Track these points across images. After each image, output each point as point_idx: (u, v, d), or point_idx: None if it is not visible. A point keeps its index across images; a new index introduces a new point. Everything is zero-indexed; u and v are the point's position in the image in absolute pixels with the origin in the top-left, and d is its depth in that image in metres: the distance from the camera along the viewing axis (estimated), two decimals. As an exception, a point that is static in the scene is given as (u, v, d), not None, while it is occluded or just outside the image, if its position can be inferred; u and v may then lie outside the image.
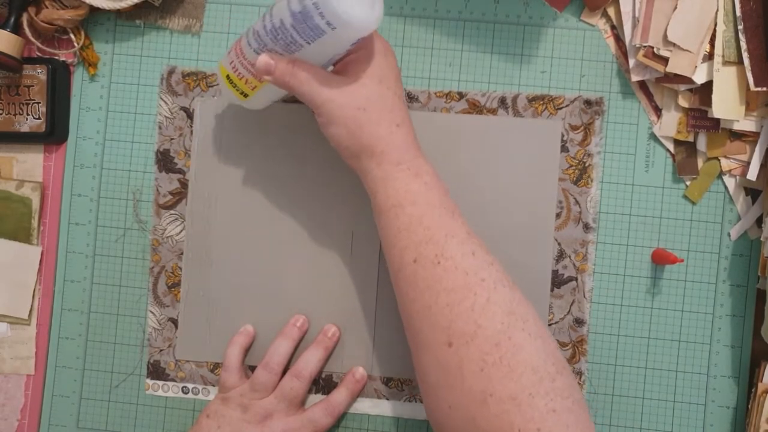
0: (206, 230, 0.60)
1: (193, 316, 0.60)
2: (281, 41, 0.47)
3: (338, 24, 0.44)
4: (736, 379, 0.58)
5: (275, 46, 0.48)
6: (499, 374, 0.44)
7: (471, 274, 0.47)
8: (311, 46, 0.47)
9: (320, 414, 0.57)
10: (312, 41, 0.46)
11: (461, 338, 0.45)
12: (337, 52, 0.48)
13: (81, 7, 0.59)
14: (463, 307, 0.46)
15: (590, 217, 0.58)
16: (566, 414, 0.44)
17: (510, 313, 0.46)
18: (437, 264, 0.47)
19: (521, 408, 0.44)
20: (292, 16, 0.45)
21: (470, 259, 0.47)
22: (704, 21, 0.55)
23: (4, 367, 0.61)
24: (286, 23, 0.46)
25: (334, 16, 0.44)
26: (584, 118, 0.59)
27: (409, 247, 0.48)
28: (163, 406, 0.61)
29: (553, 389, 0.44)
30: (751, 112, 0.56)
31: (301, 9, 0.44)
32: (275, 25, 0.47)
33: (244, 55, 0.50)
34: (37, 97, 0.59)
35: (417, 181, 0.49)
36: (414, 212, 0.48)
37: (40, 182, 0.61)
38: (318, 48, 0.47)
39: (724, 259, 0.58)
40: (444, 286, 0.47)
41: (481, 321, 0.45)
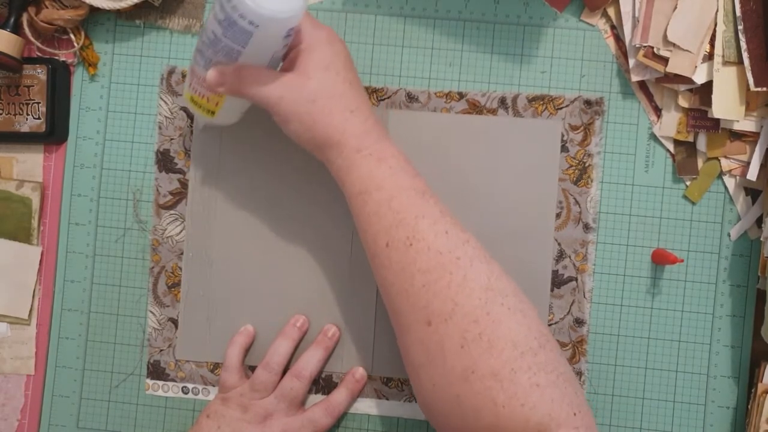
0: (206, 230, 0.60)
1: (193, 316, 0.60)
2: (221, 52, 0.48)
3: (259, 21, 0.45)
4: (736, 380, 0.58)
5: (218, 58, 0.48)
6: (479, 350, 0.44)
7: (445, 253, 0.47)
8: (247, 49, 0.47)
9: (320, 414, 0.57)
10: (245, 45, 0.47)
11: (440, 317, 0.45)
12: (276, 49, 0.48)
13: (81, 7, 0.59)
14: (439, 286, 0.46)
15: (590, 217, 0.58)
16: (551, 388, 0.44)
17: (488, 289, 0.46)
18: (409, 246, 0.47)
19: (503, 384, 0.44)
20: (219, 24, 0.46)
21: (443, 238, 0.47)
22: (704, 21, 0.55)
23: (4, 367, 0.61)
24: (218, 33, 0.47)
25: (252, 14, 0.44)
26: (584, 118, 0.59)
27: (381, 232, 0.48)
28: (163, 406, 0.61)
29: (536, 363, 0.44)
30: (751, 112, 0.56)
31: (224, 16, 0.45)
32: (210, 38, 0.48)
33: (197, 75, 0.51)
34: (37, 97, 0.59)
35: (381, 166, 0.49)
36: (381, 197, 0.48)
37: (40, 182, 0.61)
38: (254, 49, 0.47)
39: (724, 259, 0.58)
40: (418, 268, 0.47)
41: (458, 299, 0.45)
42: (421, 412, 0.59)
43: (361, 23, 0.60)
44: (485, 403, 0.44)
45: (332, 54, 0.49)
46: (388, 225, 0.48)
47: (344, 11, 0.60)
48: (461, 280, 0.46)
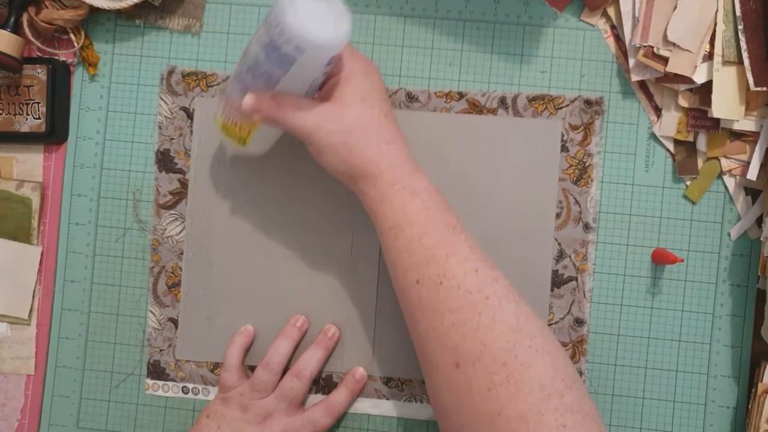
0: (206, 230, 0.60)
1: (193, 316, 0.60)
2: (260, 78, 0.48)
3: (305, 47, 0.45)
4: (736, 379, 0.58)
5: (256, 84, 0.48)
6: (506, 394, 0.44)
7: (474, 293, 0.46)
8: (287, 76, 0.47)
9: (320, 414, 0.57)
10: (287, 71, 0.47)
11: (468, 359, 0.45)
12: (315, 76, 0.48)
13: (81, 7, 0.59)
14: (468, 327, 0.45)
15: (590, 216, 0.58)
16: (577, 428, 0.44)
17: (516, 331, 0.45)
18: (440, 284, 0.46)
19: (530, 426, 0.43)
20: (263, 48, 0.46)
21: (473, 277, 0.47)
22: (704, 21, 0.55)
23: (4, 367, 0.61)
24: (260, 58, 0.47)
25: (299, 39, 0.44)
26: (584, 117, 0.59)
27: (411, 268, 0.48)
28: (163, 406, 0.61)
29: (563, 405, 0.44)
30: (751, 111, 0.56)
31: (269, 40, 0.45)
32: (250, 64, 0.48)
33: (231, 102, 0.51)
34: (37, 97, 0.59)
35: (414, 201, 0.48)
36: (413, 232, 0.48)
37: (40, 182, 0.61)
38: (294, 76, 0.47)
39: (724, 258, 0.58)
40: (448, 307, 0.46)
41: (487, 340, 0.45)
42: (421, 412, 0.59)
43: (361, 23, 0.60)
44: None
45: (369, 85, 0.49)
46: (418, 261, 0.47)
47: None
48: (490, 321, 0.45)
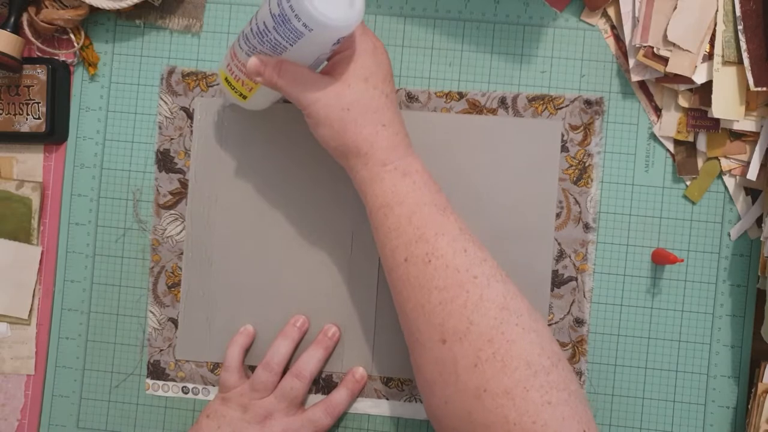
0: (206, 230, 0.60)
1: (193, 316, 0.60)
2: (267, 43, 0.48)
3: (314, 25, 0.45)
4: (736, 379, 0.58)
5: (263, 48, 0.48)
6: (492, 369, 0.45)
7: (462, 272, 0.47)
8: (294, 47, 0.47)
9: (320, 414, 0.57)
10: (293, 43, 0.47)
11: (454, 335, 0.46)
12: (322, 52, 0.48)
13: (81, 7, 0.59)
14: (455, 304, 0.46)
15: (590, 217, 0.58)
16: (562, 406, 0.44)
17: (503, 309, 0.46)
18: (428, 263, 0.47)
19: (515, 402, 0.44)
20: (272, 18, 0.46)
21: (462, 256, 0.47)
22: (704, 21, 0.55)
23: (5, 367, 0.61)
24: (269, 26, 0.46)
25: (309, 17, 0.44)
26: (584, 118, 0.59)
27: (400, 247, 0.48)
28: (163, 406, 0.61)
29: (548, 382, 0.45)
30: (751, 112, 0.56)
31: (279, 12, 0.45)
32: (260, 28, 0.47)
33: (237, 58, 0.51)
34: (37, 97, 0.59)
35: (405, 181, 0.49)
36: (402, 212, 0.48)
37: (40, 182, 0.61)
38: (301, 49, 0.47)
39: (724, 259, 0.58)
40: (436, 285, 0.47)
41: (474, 317, 0.46)
42: (421, 412, 0.59)
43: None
44: (497, 420, 0.44)
45: (375, 65, 0.50)
46: (407, 240, 0.48)
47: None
48: (477, 299, 0.46)
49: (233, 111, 0.60)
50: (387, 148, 0.49)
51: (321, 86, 0.48)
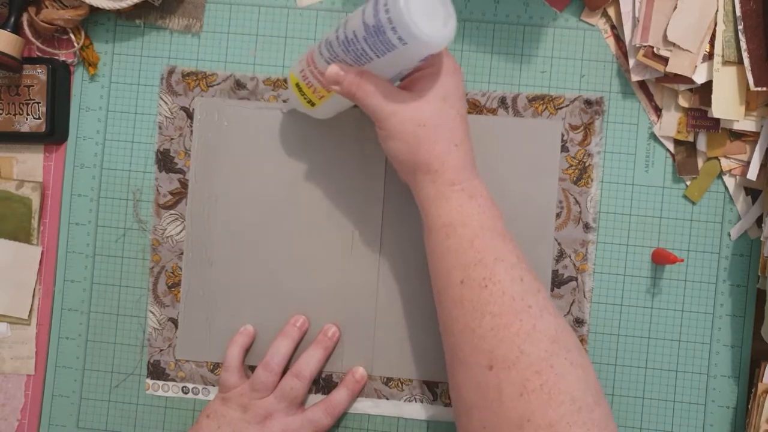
0: (206, 230, 0.60)
1: (193, 316, 0.60)
2: (352, 53, 0.47)
3: (410, 40, 0.44)
4: (736, 379, 0.58)
5: (346, 57, 0.48)
6: (538, 401, 0.44)
7: (518, 300, 0.46)
8: (381, 59, 0.47)
9: (320, 414, 0.57)
10: (382, 55, 0.46)
11: (503, 362, 0.45)
12: (406, 67, 0.48)
13: (81, 7, 0.59)
14: (507, 332, 0.46)
15: (590, 216, 0.58)
16: None
17: (554, 341, 0.46)
18: (484, 287, 0.47)
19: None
20: (365, 28, 0.45)
21: (518, 284, 0.47)
22: (704, 21, 0.55)
23: (5, 367, 0.61)
24: (359, 35, 0.46)
25: (407, 32, 0.44)
26: (584, 117, 0.59)
27: (457, 268, 0.48)
28: (163, 406, 0.61)
29: (591, 420, 0.44)
30: (751, 111, 0.56)
31: (374, 23, 0.45)
32: (348, 37, 0.47)
33: (315, 65, 0.51)
34: (37, 97, 0.59)
35: (471, 203, 0.49)
36: (465, 233, 0.48)
37: (40, 182, 0.61)
38: (387, 62, 0.47)
39: (724, 258, 0.58)
40: (490, 310, 0.46)
41: (525, 347, 0.45)
42: (421, 412, 0.59)
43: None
44: None
45: (453, 85, 0.49)
46: (466, 262, 0.48)
47: (344, 11, 0.60)
48: (530, 329, 0.46)
49: (233, 110, 0.60)
50: (457, 168, 0.49)
51: (400, 100, 0.48)
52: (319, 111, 0.54)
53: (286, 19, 0.60)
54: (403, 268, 0.59)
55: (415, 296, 0.59)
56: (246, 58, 0.60)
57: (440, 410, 0.59)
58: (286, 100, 0.59)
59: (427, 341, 0.59)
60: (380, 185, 0.59)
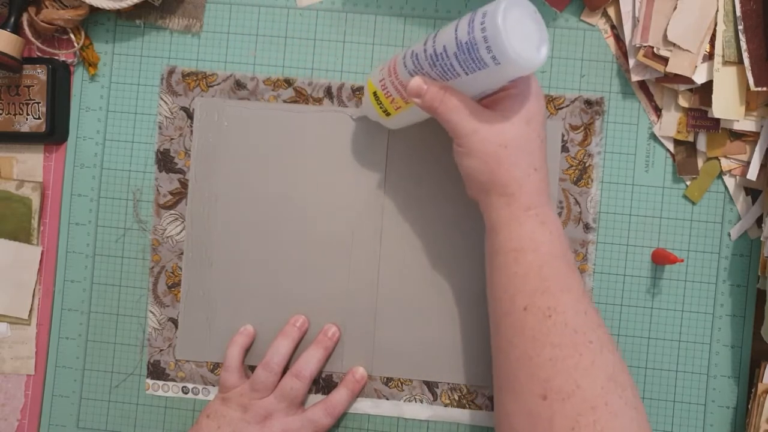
0: (206, 230, 0.60)
1: (193, 316, 0.60)
2: (439, 67, 0.47)
3: (504, 60, 0.44)
4: (736, 379, 0.58)
5: (431, 71, 0.47)
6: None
7: (580, 334, 0.46)
8: (468, 77, 0.46)
9: (320, 414, 0.57)
10: (471, 72, 0.46)
11: (558, 394, 0.45)
12: (492, 87, 0.47)
13: (81, 7, 0.59)
14: (566, 364, 0.45)
15: (590, 217, 0.58)
16: None
17: (610, 379, 0.45)
18: (548, 317, 0.46)
19: None
20: (457, 45, 0.45)
21: (582, 318, 0.46)
22: (704, 21, 0.55)
23: (5, 367, 0.61)
24: (449, 51, 0.45)
25: (501, 52, 0.43)
26: (584, 118, 0.59)
27: (522, 294, 0.47)
28: (163, 406, 0.61)
29: None
30: (751, 112, 0.56)
31: (468, 40, 0.44)
32: (437, 51, 0.46)
33: (396, 75, 0.50)
34: (37, 97, 0.59)
35: (543, 229, 0.48)
36: (534, 260, 0.47)
37: (40, 182, 0.61)
38: (474, 80, 0.46)
39: (724, 259, 0.58)
40: (551, 341, 0.46)
41: (582, 382, 0.45)
42: (421, 412, 0.59)
43: (361, 23, 0.60)
44: None
45: (537, 109, 0.49)
46: (532, 290, 0.47)
47: (344, 11, 0.60)
48: (589, 364, 0.45)
49: (233, 111, 0.60)
50: (533, 193, 0.48)
51: (483, 119, 0.47)
52: (392, 121, 0.54)
53: (286, 20, 0.60)
54: (403, 268, 0.59)
55: (415, 296, 0.59)
56: (246, 58, 0.60)
57: (440, 410, 0.59)
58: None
59: (427, 341, 0.59)
60: (380, 185, 0.59)
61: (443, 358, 0.59)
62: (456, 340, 0.59)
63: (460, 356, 0.58)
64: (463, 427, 0.59)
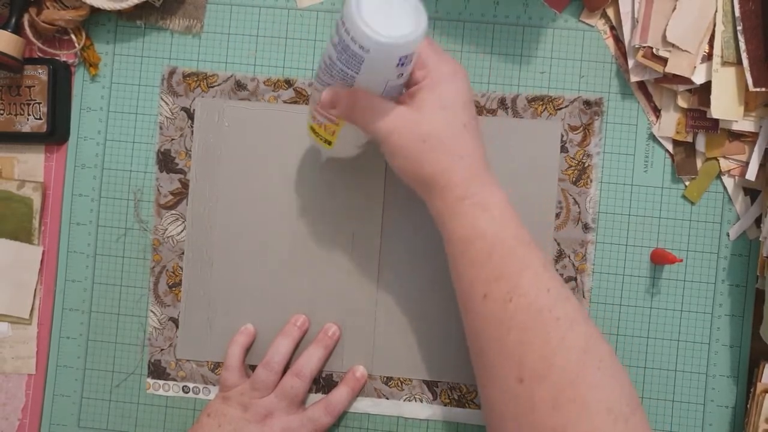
0: (207, 230, 0.60)
1: (193, 315, 0.60)
2: (336, 77, 0.47)
3: (369, 45, 0.43)
4: (735, 379, 0.58)
5: (334, 82, 0.47)
6: (572, 413, 0.43)
7: (545, 312, 0.44)
8: (360, 75, 0.46)
9: (320, 413, 0.57)
10: (358, 70, 0.45)
11: (534, 376, 0.44)
12: (389, 78, 0.46)
13: (82, 8, 0.59)
14: (536, 345, 0.44)
15: (589, 217, 0.59)
16: None
17: (585, 352, 0.44)
18: (509, 301, 0.45)
19: None
20: (335, 48, 0.45)
21: (545, 296, 0.45)
22: (703, 21, 0.55)
23: (6, 367, 0.61)
24: (333, 57, 0.46)
25: (363, 38, 0.43)
26: (583, 118, 0.59)
27: (479, 282, 0.46)
28: (164, 405, 0.61)
29: (627, 429, 0.43)
30: (750, 112, 0.56)
31: (339, 39, 0.44)
32: (326, 63, 0.47)
33: (315, 101, 0.50)
34: (38, 98, 0.60)
35: (484, 216, 0.46)
36: (483, 247, 0.46)
37: (41, 182, 0.61)
38: (368, 76, 0.46)
39: (723, 259, 0.59)
40: (516, 324, 0.44)
41: (555, 360, 0.43)
42: (421, 412, 0.59)
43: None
44: None
45: (453, 93, 0.47)
46: (487, 277, 0.46)
47: (344, 12, 0.60)
48: (559, 341, 0.44)
49: (234, 111, 0.60)
50: (465, 181, 0.47)
51: (397, 116, 0.47)
52: (338, 148, 0.53)
53: (286, 20, 0.60)
54: (403, 268, 0.59)
55: (416, 296, 0.59)
56: (246, 59, 0.60)
57: (440, 410, 0.59)
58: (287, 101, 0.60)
59: (427, 341, 0.59)
60: (380, 185, 0.59)
61: (443, 358, 0.59)
62: (456, 340, 0.59)
63: (460, 356, 0.59)
64: (463, 427, 0.59)
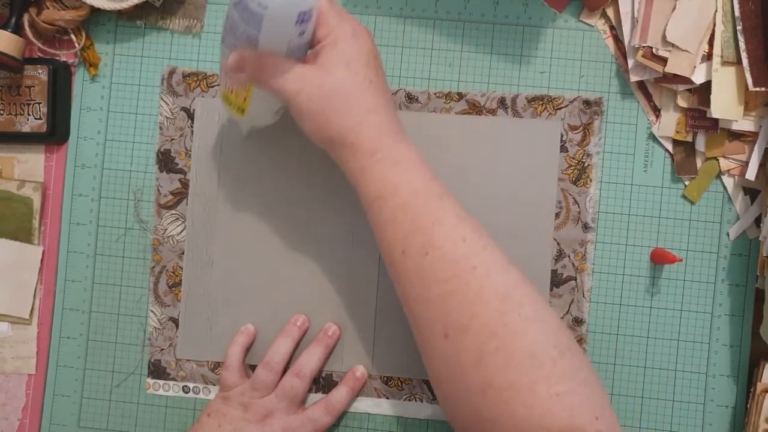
0: (207, 230, 0.60)
1: (193, 315, 0.60)
2: (241, 38, 0.46)
3: (267, 3, 0.43)
4: (735, 379, 0.58)
5: (239, 43, 0.47)
6: (496, 364, 0.43)
7: (462, 262, 0.44)
8: (262, 34, 0.45)
9: (320, 413, 0.57)
10: (259, 29, 0.45)
11: (457, 329, 0.44)
12: (291, 37, 0.46)
13: (82, 8, 0.59)
14: (456, 297, 0.44)
15: (589, 216, 0.59)
16: (570, 396, 0.42)
17: (505, 299, 0.44)
18: (425, 254, 0.45)
19: (522, 396, 0.42)
20: (236, 8, 0.45)
21: (461, 246, 0.45)
22: (703, 21, 0.55)
23: (6, 367, 0.61)
24: (235, 17, 0.45)
25: None
26: (583, 118, 0.59)
27: (397, 240, 0.46)
28: (164, 405, 0.61)
29: (555, 373, 0.42)
30: (750, 112, 0.56)
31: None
32: (230, 23, 0.46)
33: (224, 66, 0.50)
34: (38, 98, 0.60)
35: (395, 170, 0.47)
36: (396, 203, 0.46)
37: (41, 182, 0.61)
38: (269, 36, 0.45)
39: (722, 258, 0.59)
40: (434, 278, 0.45)
41: (475, 310, 0.43)
42: (422, 411, 0.59)
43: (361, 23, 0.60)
44: (504, 416, 0.42)
45: (356, 50, 0.47)
46: (404, 232, 0.46)
47: (344, 12, 0.60)
48: (477, 290, 0.44)
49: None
50: (374, 137, 0.47)
51: (301, 75, 0.47)
52: (253, 116, 0.53)
53: (286, 20, 0.60)
54: (402, 268, 0.59)
55: (415, 296, 0.59)
56: (246, 59, 0.60)
57: (439, 409, 0.59)
58: None
59: (426, 341, 0.59)
60: (380, 185, 0.59)
61: (443, 358, 0.59)
62: (456, 340, 0.59)
63: (460, 355, 0.59)
64: (463, 427, 0.59)
